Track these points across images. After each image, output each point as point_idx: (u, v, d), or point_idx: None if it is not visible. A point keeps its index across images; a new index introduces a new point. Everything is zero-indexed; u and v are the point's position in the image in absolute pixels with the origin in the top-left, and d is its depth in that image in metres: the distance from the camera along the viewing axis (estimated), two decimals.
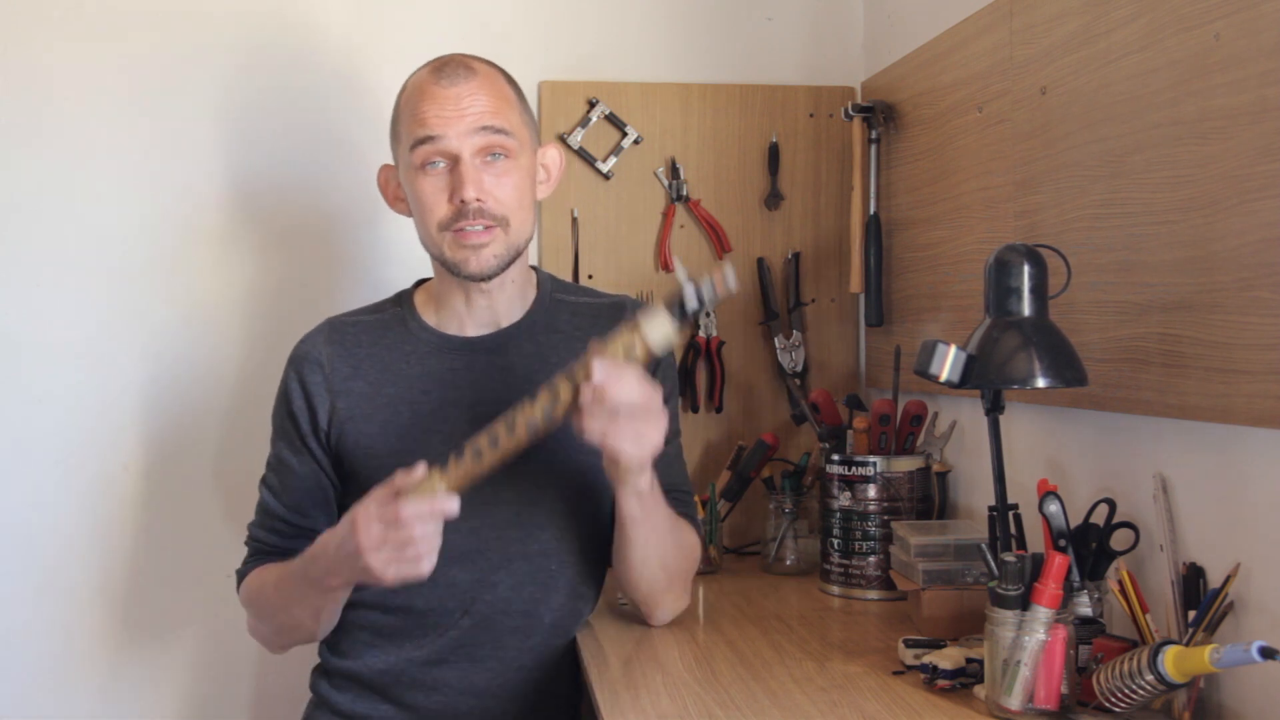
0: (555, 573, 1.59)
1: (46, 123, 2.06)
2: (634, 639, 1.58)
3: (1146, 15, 1.35)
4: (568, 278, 2.16)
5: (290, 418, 1.61)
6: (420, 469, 1.37)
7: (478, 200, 1.52)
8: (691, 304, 1.35)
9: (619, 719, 1.28)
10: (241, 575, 1.64)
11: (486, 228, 1.53)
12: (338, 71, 2.13)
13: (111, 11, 2.07)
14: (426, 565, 1.37)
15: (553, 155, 1.66)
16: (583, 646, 1.55)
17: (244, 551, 1.66)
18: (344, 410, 1.59)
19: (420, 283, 1.70)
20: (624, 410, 1.35)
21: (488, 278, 1.56)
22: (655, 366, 1.66)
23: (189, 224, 2.10)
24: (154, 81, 2.08)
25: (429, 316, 1.64)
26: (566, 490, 1.59)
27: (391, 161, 1.64)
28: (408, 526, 1.34)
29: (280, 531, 1.62)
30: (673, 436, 1.67)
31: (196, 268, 2.10)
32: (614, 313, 1.67)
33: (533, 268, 1.70)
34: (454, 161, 1.53)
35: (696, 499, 2.01)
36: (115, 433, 2.08)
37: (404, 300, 1.67)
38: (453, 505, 1.35)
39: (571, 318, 1.66)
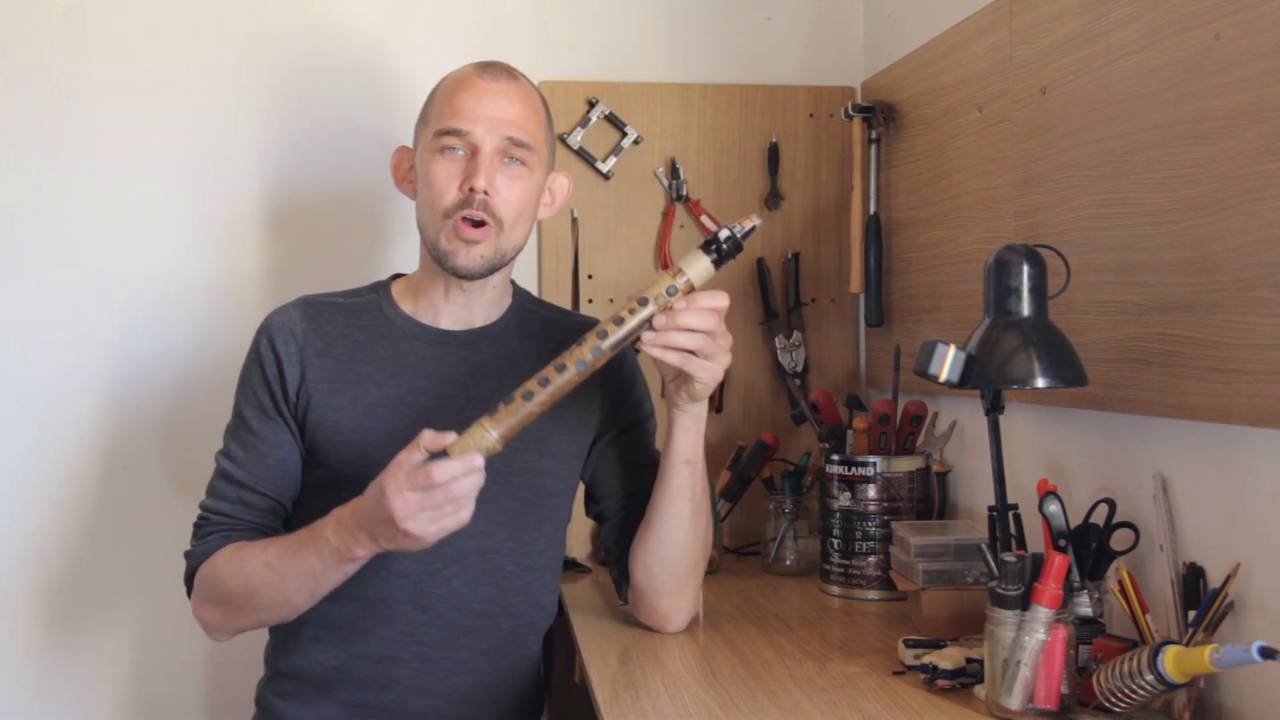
0: (511, 574, 1.58)
1: (52, 122, 2.06)
2: (634, 639, 1.58)
3: (1146, 15, 1.35)
4: (568, 278, 2.16)
5: (264, 384, 1.59)
6: (449, 436, 1.37)
7: (486, 193, 1.53)
8: (723, 236, 1.42)
9: (619, 719, 1.28)
10: (201, 554, 1.56)
11: (483, 224, 1.54)
12: (342, 70, 2.13)
13: (123, 12, 2.08)
14: (466, 513, 1.37)
15: (562, 183, 1.68)
16: (582, 646, 1.55)
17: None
18: (313, 383, 1.58)
19: (396, 276, 1.70)
20: (701, 333, 1.40)
21: (471, 276, 1.57)
22: (632, 382, 1.68)
23: (197, 221, 2.10)
24: (165, 81, 2.09)
25: (406, 305, 1.65)
26: (524, 490, 1.59)
27: (409, 144, 1.65)
28: (443, 489, 1.35)
29: (249, 504, 1.57)
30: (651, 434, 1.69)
31: (184, 264, 2.10)
32: (584, 329, 1.66)
33: (511, 281, 1.71)
34: (473, 152, 1.55)
35: None
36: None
37: (381, 289, 1.68)
38: (478, 460, 1.36)
39: (543, 328, 1.68)
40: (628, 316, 1.40)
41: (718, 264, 1.42)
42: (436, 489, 1.34)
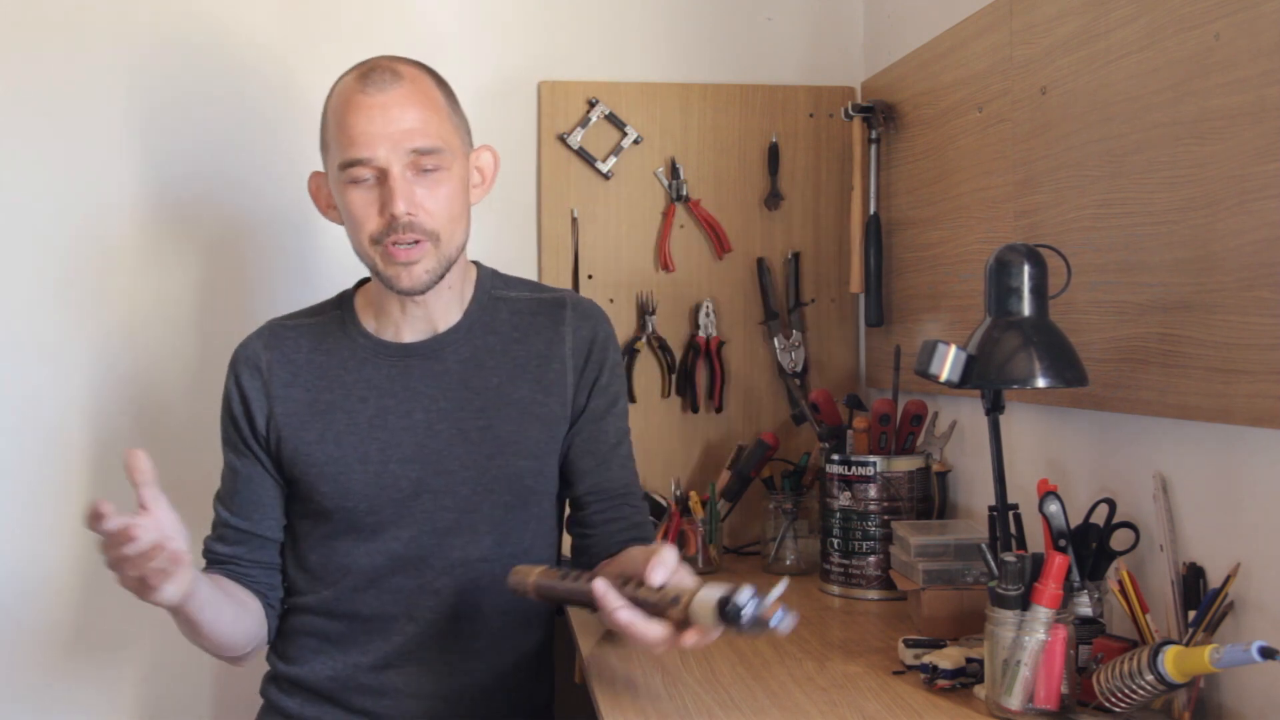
0: (500, 578, 1.57)
1: (48, 124, 2.05)
2: None
3: (1146, 15, 1.35)
4: (567, 278, 2.16)
5: (232, 422, 1.62)
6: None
7: (409, 214, 1.49)
8: (742, 602, 1.20)
9: (619, 719, 1.28)
10: None
11: (416, 242, 1.51)
12: (339, 65, 2.12)
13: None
14: (159, 595, 1.30)
15: (486, 159, 1.63)
16: (582, 646, 1.55)
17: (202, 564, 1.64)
18: (282, 416, 1.59)
19: (362, 282, 1.68)
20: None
21: (420, 292, 1.55)
22: (600, 366, 1.64)
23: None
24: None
25: (368, 321, 1.63)
26: (506, 496, 1.59)
27: (322, 167, 1.60)
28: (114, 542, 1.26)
29: (225, 539, 1.61)
30: (622, 438, 1.67)
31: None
32: (553, 310, 1.65)
33: (474, 263, 1.68)
34: (383, 175, 1.50)
35: (696, 498, 2.03)
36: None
37: (345, 303, 1.66)
38: (104, 507, 1.23)
39: (511, 316, 1.64)
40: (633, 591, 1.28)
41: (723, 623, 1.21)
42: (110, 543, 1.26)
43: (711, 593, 1.22)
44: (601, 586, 1.26)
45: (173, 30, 2.08)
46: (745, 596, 1.19)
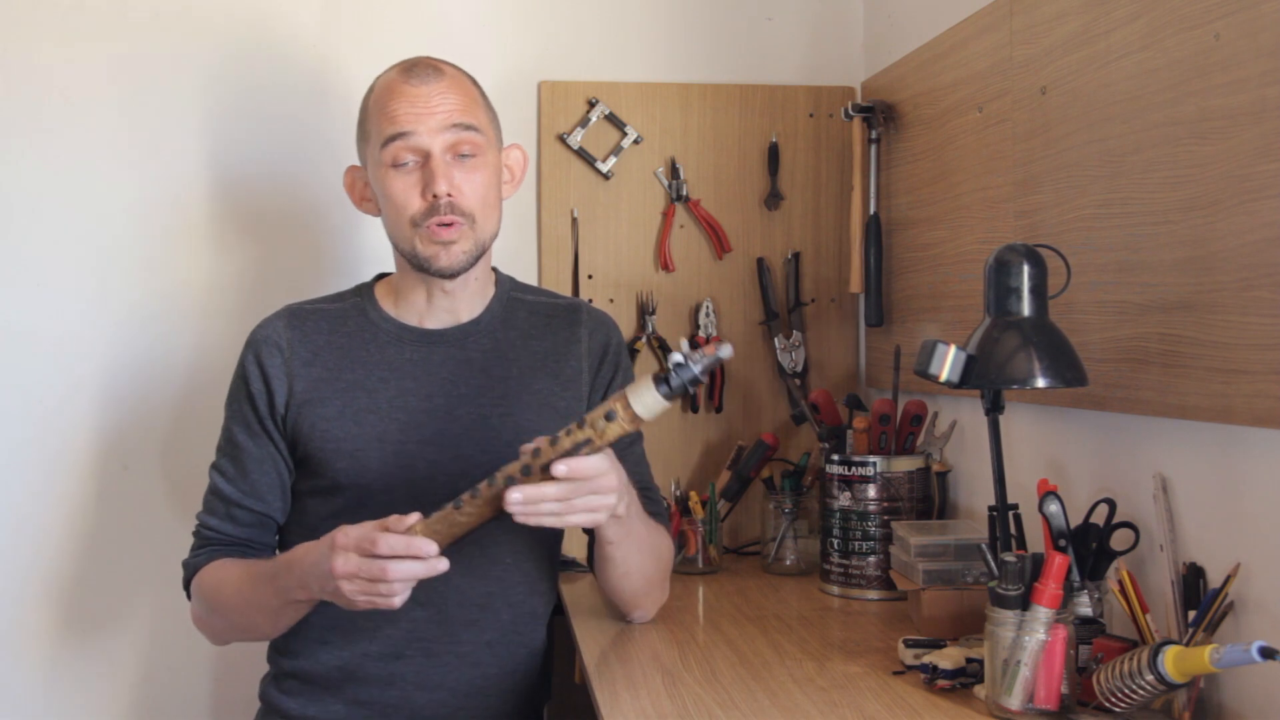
0: (510, 566, 1.60)
1: (23, 121, 2.05)
2: (634, 639, 1.58)
3: (1146, 15, 1.35)
4: (567, 278, 2.16)
5: (248, 400, 1.61)
6: (413, 516, 1.37)
7: (449, 195, 1.54)
8: (674, 361, 1.30)
9: (619, 719, 1.28)
10: (193, 567, 1.61)
11: (455, 224, 1.55)
12: (346, 63, 2.13)
13: (93, 13, 2.07)
14: (397, 601, 1.38)
15: (516, 156, 1.69)
16: (582, 646, 1.56)
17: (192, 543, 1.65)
18: (301, 394, 1.59)
19: (379, 277, 1.71)
20: (573, 492, 1.36)
21: (455, 274, 1.58)
22: (615, 368, 1.68)
23: (165, 222, 2.09)
24: (132, 81, 2.08)
25: (389, 308, 1.66)
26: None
27: (358, 162, 1.65)
28: (382, 562, 1.35)
29: (236, 519, 1.61)
30: (635, 439, 1.68)
31: (174, 264, 2.09)
32: (569, 314, 1.70)
33: (493, 269, 1.72)
34: (424, 158, 1.55)
35: (696, 498, 2.03)
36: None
37: (364, 291, 1.69)
38: (429, 548, 1.35)
39: (529, 316, 1.68)
40: (563, 438, 1.34)
41: (669, 397, 1.31)
42: (374, 561, 1.35)
43: (642, 379, 1.32)
44: (526, 450, 1.35)
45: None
46: (677, 356, 1.29)
